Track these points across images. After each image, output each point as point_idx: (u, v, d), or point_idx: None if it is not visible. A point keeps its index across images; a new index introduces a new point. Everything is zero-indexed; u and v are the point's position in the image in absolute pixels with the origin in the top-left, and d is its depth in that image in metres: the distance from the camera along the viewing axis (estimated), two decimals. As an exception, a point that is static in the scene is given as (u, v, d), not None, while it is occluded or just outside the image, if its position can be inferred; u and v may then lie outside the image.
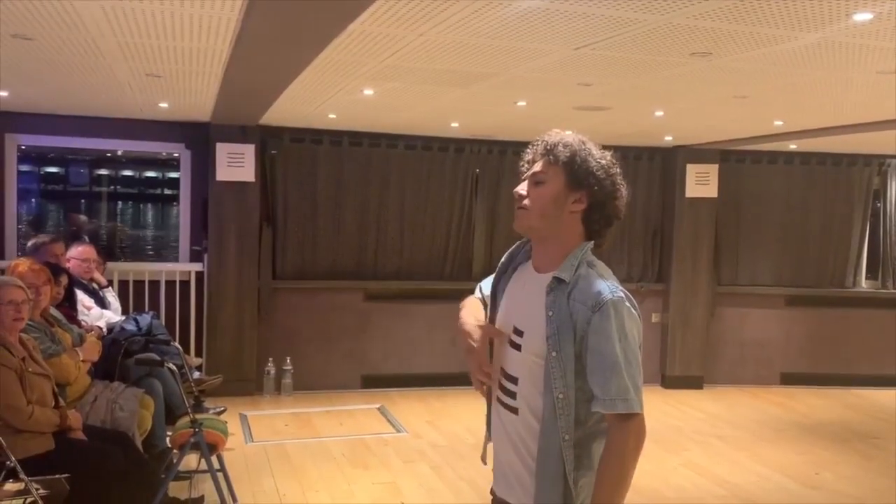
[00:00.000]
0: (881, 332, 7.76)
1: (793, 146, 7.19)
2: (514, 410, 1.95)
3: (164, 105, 5.65)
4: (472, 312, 2.11)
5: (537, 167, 1.96)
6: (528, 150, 2.03)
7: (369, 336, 7.08)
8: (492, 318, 2.08)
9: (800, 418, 6.69)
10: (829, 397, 7.34)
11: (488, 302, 2.15)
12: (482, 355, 2.00)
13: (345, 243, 7.01)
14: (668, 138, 6.94)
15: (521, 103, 4.96)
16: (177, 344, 4.79)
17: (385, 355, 7.12)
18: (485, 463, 2.16)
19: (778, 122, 5.59)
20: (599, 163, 1.93)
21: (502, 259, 2.12)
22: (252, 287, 6.63)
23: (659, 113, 5.30)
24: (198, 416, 3.76)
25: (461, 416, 6.32)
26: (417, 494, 4.67)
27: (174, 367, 3.88)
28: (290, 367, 6.77)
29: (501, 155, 7.19)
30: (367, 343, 7.08)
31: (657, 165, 7.56)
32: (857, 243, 7.82)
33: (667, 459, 5.25)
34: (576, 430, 1.86)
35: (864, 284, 7.96)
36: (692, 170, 7.40)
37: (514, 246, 2.11)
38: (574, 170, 1.91)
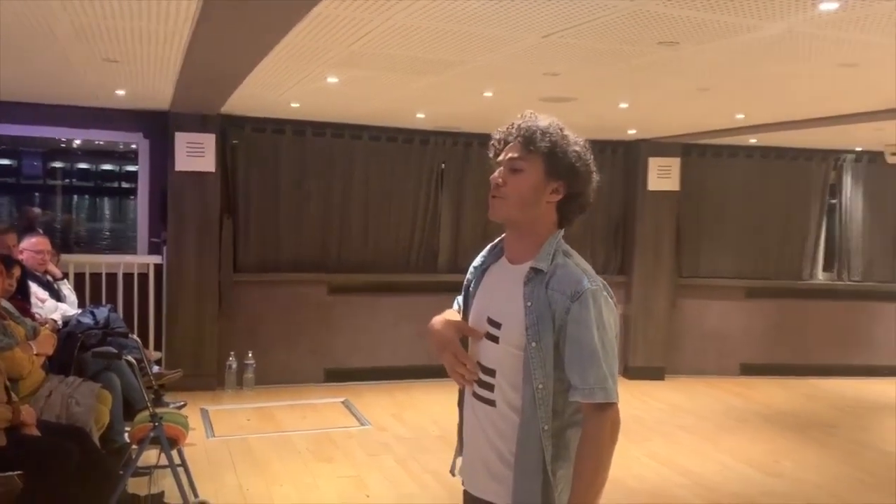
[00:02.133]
0: (837, 323, 7.94)
1: (753, 140, 7.29)
2: (492, 403, 1.92)
3: (121, 92, 5.50)
4: (442, 316, 2.08)
5: (514, 153, 1.90)
6: (500, 132, 1.97)
7: (333, 329, 7.00)
8: (465, 320, 2.05)
9: (760, 408, 6.80)
10: (788, 387, 7.48)
11: (462, 311, 2.12)
12: (455, 346, 1.96)
13: (308, 235, 6.91)
14: (632, 131, 6.99)
15: (488, 94, 4.94)
16: (136, 337, 4.67)
17: (349, 349, 7.04)
18: (453, 475, 2.12)
19: (739, 116, 5.65)
20: (577, 152, 1.90)
21: (474, 262, 2.08)
22: (212, 280, 6.50)
23: (623, 105, 5.32)
24: (158, 410, 3.66)
25: (427, 408, 6.28)
26: (382, 487, 4.63)
27: (133, 361, 3.77)
28: (251, 362, 6.66)
29: (467, 147, 7.16)
30: (331, 336, 7.00)
31: (620, 159, 7.61)
32: (813, 236, 7.98)
33: (630, 450, 5.29)
34: (553, 420, 1.84)
35: (821, 277, 8.14)
36: (654, 163, 7.47)
37: (486, 249, 2.08)
38: (554, 160, 1.87)
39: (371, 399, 6.55)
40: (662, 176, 7.47)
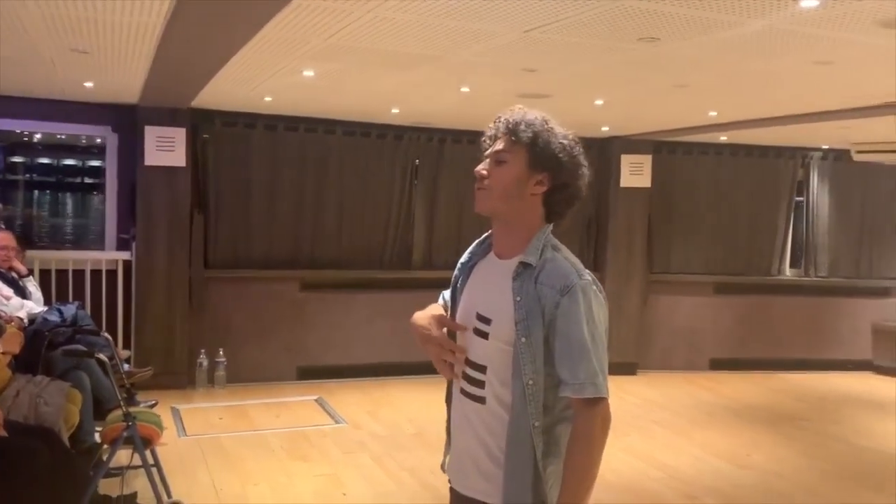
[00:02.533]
0: (804, 319, 8.07)
1: (723, 138, 7.38)
2: (481, 400, 1.89)
3: (89, 85, 5.37)
4: (424, 311, 2.06)
5: (499, 146, 1.90)
6: (490, 127, 1.97)
7: (306, 326, 6.93)
8: (453, 316, 2.03)
9: (729, 402, 6.89)
10: (756, 382, 7.59)
11: (449, 307, 2.09)
12: (440, 337, 1.94)
13: (280, 231, 6.83)
14: (605, 129, 7.02)
15: (465, 89, 4.91)
16: (106, 334, 4.56)
17: (322, 346, 6.98)
18: (444, 471, 2.10)
19: (712, 113, 5.70)
20: (562, 143, 1.90)
21: (461, 258, 2.07)
22: (183, 276, 6.39)
23: (599, 102, 5.33)
24: (131, 410, 3.57)
25: (402, 406, 6.25)
26: (359, 486, 4.59)
27: (104, 359, 3.68)
28: (223, 359, 6.56)
29: (441, 143, 7.13)
30: (304, 334, 6.93)
31: (593, 156, 7.54)
32: (781, 233, 8.11)
33: (607, 444, 5.30)
34: (544, 416, 1.82)
35: (788, 272, 8.27)
36: (626, 160, 7.52)
37: (473, 245, 2.06)
38: (536, 151, 1.87)
39: (345, 397, 6.50)
40: (634, 173, 7.53)
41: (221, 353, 6.56)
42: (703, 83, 4.52)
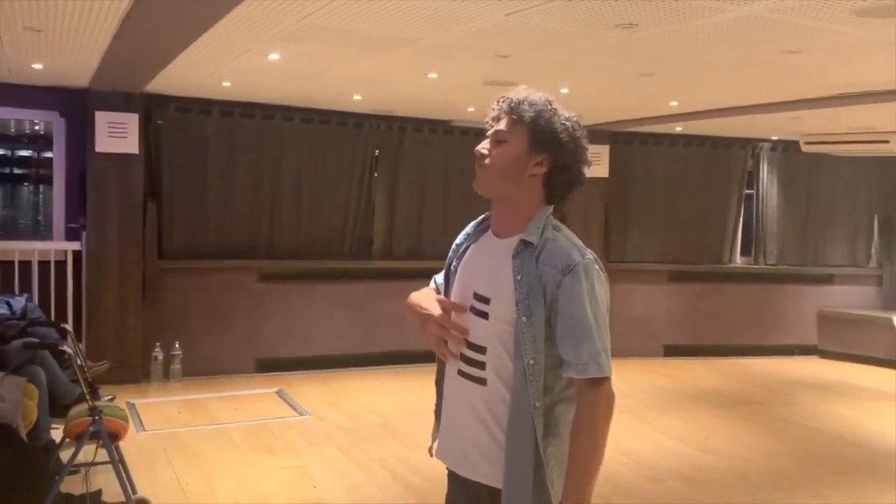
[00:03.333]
0: (753, 305, 8.30)
1: (679, 129, 7.51)
2: (482, 381, 1.86)
3: (37, 66, 5.12)
4: (420, 292, 2.03)
5: (501, 125, 1.89)
6: (493, 108, 1.95)
7: (264, 318, 6.79)
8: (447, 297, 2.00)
9: (685, 387, 7.03)
10: (710, 367, 7.77)
11: (442, 290, 2.06)
12: (442, 317, 1.91)
13: (237, 221, 6.67)
14: (565, 118, 7.04)
15: (433, 75, 4.86)
16: (66, 326, 4.36)
17: (281, 338, 6.85)
18: (432, 455, 2.07)
19: (673, 103, 5.79)
20: (564, 125, 1.88)
21: (456, 240, 2.04)
22: (136, 267, 6.19)
23: (564, 90, 5.34)
24: (97, 404, 3.43)
25: (364, 397, 6.19)
26: (329, 478, 4.52)
27: (70, 350, 3.52)
28: (179, 352, 6.38)
29: (402, 131, 7.06)
30: (262, 325, 6.79)
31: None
32: (732, 222, 8.31)
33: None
34: (544, 397, 1.80)
35: (739, 261, 8.48)
36: (585, 150, 7.57)
37: (468, 226, 2.04)
38: (538, 131, 1.85)
39: (306, 389, 6.39)
40: (593, 163, 7.57)
41: (177, 345, 6.38)
42: (669, 72, 4.57)
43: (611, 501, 4.27)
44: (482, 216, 2.02)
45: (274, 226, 6.80)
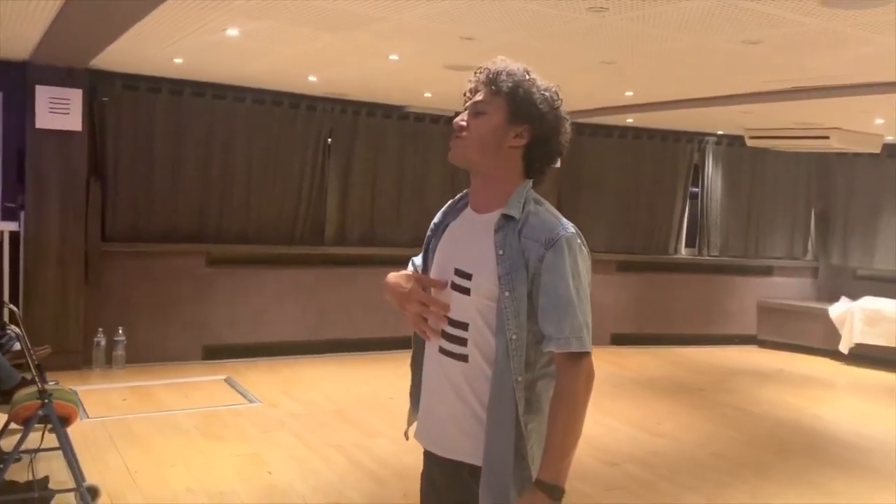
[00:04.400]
0: (697, 296, 8.50)
1: (629, 120, 7.61)
2: (463, 358, 1.83)
3: (-26, 36, 4.85)
4: (398, 272, 1.99)
5: (479, 97, 1.84)
6: (471, 80, 1.91)
7: (211, 304, 6.62)
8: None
9: (633, 375, 7.15)
10: (656, 355, 7.93)
11: (421, 272, 2.02)
12: (419, 294, 1.87)
13: (184, 203, 6.48)
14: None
15: (394, 57, 4.80)
16: (13, 306, 4.15)
17: (229, 324, 6.69)
18: (407, 438, 2.03)
19: (629, 93, 5.86)
20: (543, 95, 1.84)
21: (434, 219, 2.00)
22: (78, 249, 5.95)
23: (524, 76, 5.34)
24: (46, 387, 3.28)
25: (317, 384, 6.10)
26: (284, 463, 4.43)
27: (20, 331, 3.35)
28: (122, 338, 6.17)
29: (355, 115, 6.97)
30: (210, 311, 6.62)
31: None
32: (678, 214, 8.49)
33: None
34: (526, 372, 1.78)
35: (684, 252, 8.67)
36: (537, 140, 7.61)
37: (445, 205, 2.00)
38: (517, 102, 1.81)
39: (255, 376, 6.26)
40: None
41: (121, 331, 6.17)
42: (629, 60, 4.61)
43: (569, 485, 4.30)
44: (459, 194, 1.98)
45: (223, 209, 6.63)
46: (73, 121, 5.77)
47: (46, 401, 3.20)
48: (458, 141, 1.84)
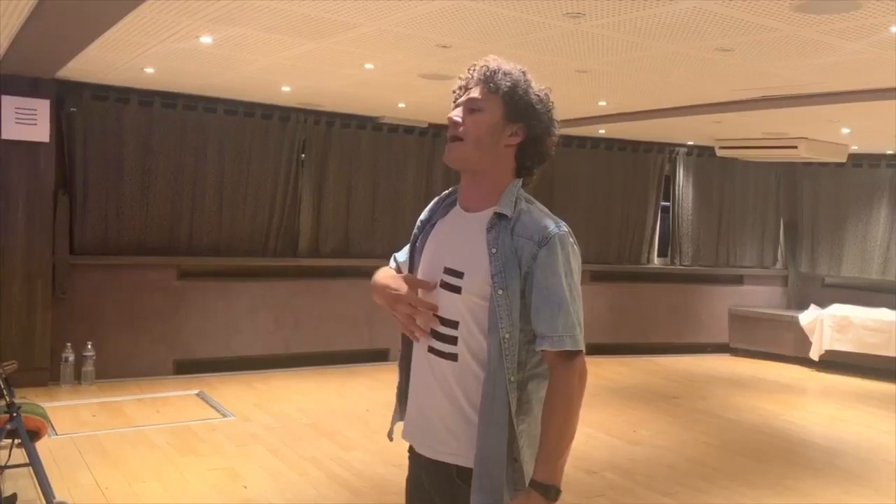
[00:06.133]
0: (670, 305, 8.57)
1: (602, 131, 7.67)
2: (453, 357, 1.81)
3: (-62, 44, 4.75)
4: (384, 272, 1.97)
5: (475, 93, 1.84)
6: (462, 77, 1.91)
7: (183, 318, 6.52)
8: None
9: (608, 384, 7.17)
10: (630, 365, 7.96)
11: (404, 270, 2.00)
12: (409, 296, 1.85)
13: (155, 215, 6.38)
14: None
15: (369, 66, 4.78)
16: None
17: (201, 338, 6.59)
18: (391, 439, 2.02)
19: (602, 103, 5.90)
20: (538, 96, 1.86)
21: (421, 216, 1.99)
22: (45, 262, 5.83)
23: (498, 86, 5.36)
24: (15, 401, 3.18)
25: (290, 397, 6.02)
26: (259, 477, 4.35)
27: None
28: (91, 353, 6.04)
29: (329, 126, 6.94)
30: (181, 325, 6.51)
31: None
32: (650, 224, 8.57)
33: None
34: (518, 372, 1.77)
35: (656, 261, 8.74)
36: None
37: (432, 202, 1.99)
38: (514, 100, 1.82)
39: (228, 390, 6.16)
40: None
41: (89, 346, 6.04)
42: (604, 69, 4.64)
43: (549, 493, 4.28)
44: (447, 191, 1.98)
45: (194, 221, 6.54)
46: (40, 131, 5.67)
47: (15, 414, 3.11)
48: (456, 144, 1.84)
